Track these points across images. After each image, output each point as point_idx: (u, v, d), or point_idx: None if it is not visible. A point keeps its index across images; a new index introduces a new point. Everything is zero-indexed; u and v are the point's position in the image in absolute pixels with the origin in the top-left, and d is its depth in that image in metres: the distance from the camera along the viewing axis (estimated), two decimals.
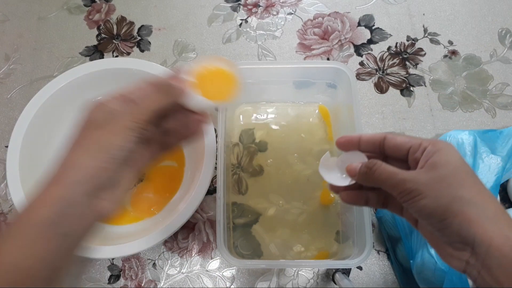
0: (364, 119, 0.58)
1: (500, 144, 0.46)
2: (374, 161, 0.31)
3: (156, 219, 0.50)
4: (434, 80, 0.60)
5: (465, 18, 0.64)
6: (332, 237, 0.50)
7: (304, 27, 0.64)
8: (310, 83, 0.54)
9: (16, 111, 0.58)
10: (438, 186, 0.28)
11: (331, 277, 0.49)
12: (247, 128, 0.56)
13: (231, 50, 0.62)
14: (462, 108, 0.59)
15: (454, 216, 0.27)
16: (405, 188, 0.29)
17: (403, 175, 0.29)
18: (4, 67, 0.61)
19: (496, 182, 0.44)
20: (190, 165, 0.53)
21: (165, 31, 0.64)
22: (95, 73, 0.52)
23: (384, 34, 0.63)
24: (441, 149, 0.29)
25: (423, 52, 0.62)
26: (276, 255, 0.49)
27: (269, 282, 0.50)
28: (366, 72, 0.61)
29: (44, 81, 0.59)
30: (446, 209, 0.27)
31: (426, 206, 0.28)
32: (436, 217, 0.28)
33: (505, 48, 0.62)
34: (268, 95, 0.57)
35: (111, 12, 0.65)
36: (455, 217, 0.27)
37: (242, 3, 0.66)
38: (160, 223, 0.46)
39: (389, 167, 0.30)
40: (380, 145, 0.33)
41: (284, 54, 0.62)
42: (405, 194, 0.29)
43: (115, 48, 0.63)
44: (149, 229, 0.46)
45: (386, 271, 0.50)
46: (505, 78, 0.60)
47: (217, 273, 0.50)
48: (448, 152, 0.29)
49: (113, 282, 0.50)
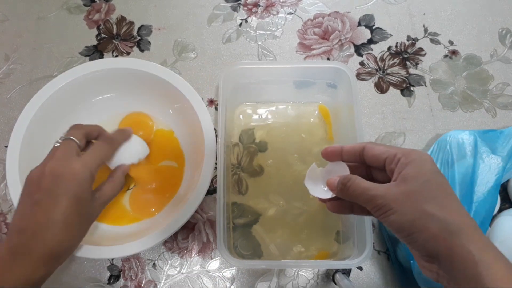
0: (365, 119, 0.58)
1: (501, 144, 0.46)
2: (349, 176, 0.32)
3: (156, 219, 0.50)
4: (435, 80, 0.60)
5: (465, 18, 0.64)
6: (332, 237, 0.50)
7: (304, 27, 0.64)
8: (310, 83, 0.54)
9: (16, 111, 0.58)
10: (406, 201, 0.28)
11: (331, 277, 0.49)
12: (247, 128, 0.56)
13: (231, 50, 0.62)
14: (462, 108, 0.58)
15: (420, 231, 0.27)
16: (376, 204, 0.29)
17: (375, 191, 0.30)
18: (4, 67, 0.61)
19: (496, 182, 0.44)
20: (190, 165, 0.53)
21: (165, 31, 0.64)
22: (95, 73, 0.52)
23: (384, 34, 0.63)
24: (412, 161, 0.29)
25: (424, 52, 0.62)
26: (276, 255, 0.49)
27: (269, 283, 0.50)
28: (366, 72, 0.61)
29: (43, 81, 0.59)
30: (412, 225, 0.27)
31: (395, 221, 0.28)
32: (404, 232, 0.28)
33: (505, 48, 0.62)
34: (268, 95, 0.56)
35: (111, 12, 0.65)
36: (420, 232, 0.27)
37: (242, 3, 0.65)
38: (160, 223, 0.46)
39: (363, 182, 0.31)
40: (360, 156, 0.33)
41: (284, 54, 0.62)
42: (377, 210, 0.29)
43: (115, 48, 0.62)
44: (149, 229, 0.46)
45: (386, 271, 0.50)
46: (505, 78, 0.60)
47: (217, 274, 0.50)
48: (419, 164, 0.29)
49: (113, 282, 0.50)
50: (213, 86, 0.60)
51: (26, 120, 0.48)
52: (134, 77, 0.53)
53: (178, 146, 0.54)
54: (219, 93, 0.49)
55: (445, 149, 0.46)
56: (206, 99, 0.59)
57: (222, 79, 0.50)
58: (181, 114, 0.53)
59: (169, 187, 0.52)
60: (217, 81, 0.60)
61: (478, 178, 0.43)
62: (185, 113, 0.52)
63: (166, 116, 0.55)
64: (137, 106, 0.55)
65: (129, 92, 0.55)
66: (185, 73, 0.61)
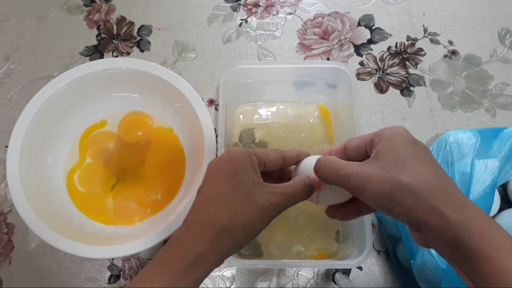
0: (364, 119, 0.58)
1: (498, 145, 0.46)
2: (322, 158, 0.31)
3: (156, 219, 0.50)
4: (434, 80, 0.60)
5: (465, 18, 0.64)
6: (332, 237, 0.50)
7: (304, 27, 0.64)
8: (310, 83, 0.54)
9: (16, 111, 0.58)
10: (379, 176, 0.28)
11: (331, 277, 0.49)
12: (247, 128, 0.56)
13: (231, 50, 0.62)
14: (462, 108, 0.59)
15: (397, 204, 0.27)
16: (351, 183, 0.29)
17: (347, 170, 0.29)
18: (4, 67, 0.61)
19: (492, 181, 0.44)
20: (190, 165, 0.53)
21: (165, 31, 0.64)
22: (95, 73, 0.52)
23: (384, 34, 0.63)
24: (384, 137, 0.29)
25: (423, 52, 0.62)
26: (276, 255, 0.49)
27: (269, 282, 0.50)
28: (366, 72, 0.61)
29: (44, 81, 0.59)
30: (389, 199, 0.27)
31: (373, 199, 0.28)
32: (384, 208, 0.28)
33: (505, 48, 0.62)
34: (268, 95, 0.57)
35: (111, 12, 0.65)
36: (398, 205, 0.27)
37: (242, 3, 0.66)
38: (160, 223, 0.46)
39: (337, 162, 0.30)
40: (345, 154, 0.33)
41: (284, 54, 0.62)
42: (353, 190, 0.29)
43: (115, 48, 0.62)
44: (149, 229, 0.46)
45: (386, 271, 0.50)
46: (505, 78, 0.60)
47: (217, 273, 0.50)
48: (391, 139, 0.29)
49: (113, 282, 0.50)
50: (213, 86, 0.60)
51: (26, 120, 0.48)
52: (134, 77, 0.53)
53: (178, 143, 0.54)
54: (220, 93, 0.49)
55: (445, 149, 0.46)
56: (206, 99, 0.59)
57: (222, 79, 0.50)
58: (181, 114, 0.53)
59: (170, 187, 0.52)
60: (217, 81, 0.60)
61: (474, 178, 0.44)
62: (185, 113, 0.52)
63: (166, 116, 0.55)
64: (137, 106, 0.55)
65: (129, 92, 0.55)
66: (185, 73, 0.61)
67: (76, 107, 0.54)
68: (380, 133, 0.30)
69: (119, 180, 0.53)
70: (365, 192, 0.28)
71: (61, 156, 0.53)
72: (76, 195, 0.51)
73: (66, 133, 0.54)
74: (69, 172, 0.52)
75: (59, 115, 0.52)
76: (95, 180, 0.52)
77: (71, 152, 0.53)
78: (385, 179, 0.27)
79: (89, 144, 0.54)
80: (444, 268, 0.40)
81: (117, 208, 0.51)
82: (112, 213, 0.51)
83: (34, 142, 0.49)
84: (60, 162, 0.52)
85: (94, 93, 0.54)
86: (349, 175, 0.29)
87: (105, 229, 0.50)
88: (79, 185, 0.52)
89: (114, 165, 0.53)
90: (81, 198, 0.51)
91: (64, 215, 0.48)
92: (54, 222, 0.45)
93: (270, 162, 0.33)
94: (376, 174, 0.28)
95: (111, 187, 0.52)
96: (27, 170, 0.47)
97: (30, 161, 0.48)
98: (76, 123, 0.54)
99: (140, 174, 0.53)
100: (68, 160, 0.53)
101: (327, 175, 0.31)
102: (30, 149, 0.48)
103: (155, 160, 0.53)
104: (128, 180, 0.53)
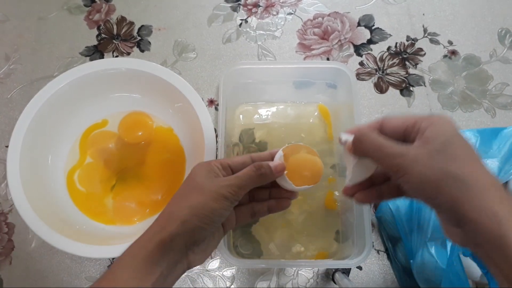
0: (364, 119, 0.58)
1: (498, 145, 0.46)
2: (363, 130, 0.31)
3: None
4: (434, 80, 0.60)
5: (464, 18, 0.64)
6: (332, 237, 0.50)
7: (304, 27, 0.64)
8: (310, 83, 0.54)
9: (17, 111, 0.58)
10: (428, 162, 0.26)
11: (331, 276, 0.50)
12: (247, 128, 0.56)
13: (231, 50, 0.62)
14: (461, 108, 0.59)
15: (443, 195, 0.26)
16: (394, 163, 0.28)
17: (391, 149, 0.28)
18: (4, 67, 0.62)
19: None
20: (190, 165, 0.53)
21: (165, 31, 0.64)
22: (95, 73, 0.52)
23: (384, 34, 0.63)
24: (434, 123, 0.28)
25: (423, 52, 0.62)
26: (276, 255, 0.49)
27: (269, 282, 0.50)
28: (366, 72, 0.61)
29: (44, 81, 0.59)
30: (435, 187, 0.26)
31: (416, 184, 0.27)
32: (427, 195, 0.27)
33: (504, 48, 0.62)
34: (268, 95, 0.57)
35: (111, 12, 0.65)
36: (443, 196, 0.26)
37: (242, 3, 0.66)
38: None
39: (378, 139, 0.29)
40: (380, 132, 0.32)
41: (284, 54, 0.62)
42: (395, 171, 0.28)
43: (115, 48, 0.63)
44: None
45: (386, 271, 0.50)
46: (504, 78, 0.60)
47: (217, 273, 0.51)
48: (441, 126, 0.28)
49: None
50: (213, 86, 0.60)
51: (26, 120, 0.48)
52: (135, 77, 0.53)
53: (178, 143, 0.54)
54: (220, 93, 0.49)
55: None
56: (206, 99, 0.59)
57: (222, 79, 0.50)
58: (181, 114, 0.54)
59: (170, 187, 0.52)
60: (217, 81, 0.60)
61: None
62: (185, 113, 0.52)
63: (166, 116, 0.55)
64: (137, 106, 0.55)
65: (129, 92, 0.55)
66: (185, 73, 0.61)
67: (76, 107, 0.54)
68: (428, 118, 0.29)
69: (119, 180, 0.53)
70: (407, 175, 0.27)
71: (61, 155, 0.53)
72: (76, 195, 0.51)
73: (67, 133, 0.54)
74: (69, 172, 0.52)
75: (59, 115, 0.52)
76: (95, 180, 0.52)
77: (72, 151, 0.54)
78: (433, 166, 0.26)
79: (89, 143, 0.54)
80: (443, 268, 0.40)
81: (117, 208, 0.51)
82: (112, 213, 0.51)
83: (35, 142, 0.49)
84: (60, 162, 0.52)
85: (94, 93, 0.54)
86: (394, 154, 0.28)
87: (105, 228, 0.50)
88: (79, 184, 0.52)
89: (114, 165, 0.53)
90: (81, 198, 0.51)
91: (64, 215, 0.49)
92: (54, 221, 0.45)
93: (235, 162, 0.36)
94: (424, 159, 0.27)
95: (111, 187, 0.52)
96: (28, 170, 0.47)
97: (31, 161, 0.48)
98: (76, 123, 0.54)
99: (140, 174, 0.53)
100: (68, 160, 0.53)
101: (367, 148, 0.30)
102: (30, 149, 0.48)
103: (155, 160, 0.54)
104: (128, 180, 0.53)
